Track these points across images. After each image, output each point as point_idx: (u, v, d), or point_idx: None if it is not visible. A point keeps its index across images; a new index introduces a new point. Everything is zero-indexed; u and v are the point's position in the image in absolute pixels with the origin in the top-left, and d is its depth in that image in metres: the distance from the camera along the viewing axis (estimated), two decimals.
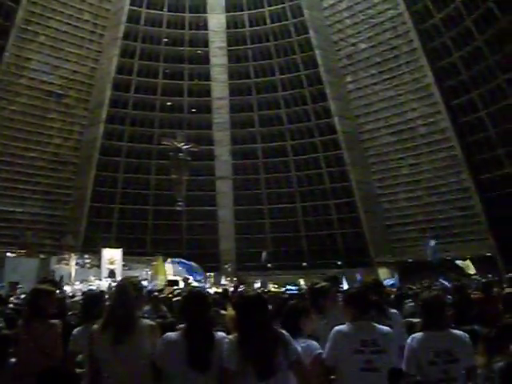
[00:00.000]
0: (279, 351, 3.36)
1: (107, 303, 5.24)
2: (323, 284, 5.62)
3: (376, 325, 4.16)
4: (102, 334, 3.77)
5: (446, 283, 14.21)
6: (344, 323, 4.25)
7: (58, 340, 4.85)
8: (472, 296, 9.08)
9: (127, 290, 3.93)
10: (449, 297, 9.56)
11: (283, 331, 3.56)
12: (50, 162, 47.51)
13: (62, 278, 29.74)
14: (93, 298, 5.41)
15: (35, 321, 4.84)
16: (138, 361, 3.69)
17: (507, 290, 7.36)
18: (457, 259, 29.04)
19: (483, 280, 12.34)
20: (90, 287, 28.02)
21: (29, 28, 46.20)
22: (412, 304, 9.76)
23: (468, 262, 29.06)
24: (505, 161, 38.16)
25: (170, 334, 3.67)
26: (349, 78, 49.50)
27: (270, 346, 3.36)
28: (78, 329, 5.02)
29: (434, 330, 4.12)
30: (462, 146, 41.57)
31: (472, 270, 28.18)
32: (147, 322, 3.98)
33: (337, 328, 4.13)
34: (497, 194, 38.85)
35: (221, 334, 3.71)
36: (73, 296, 18.39)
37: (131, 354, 3.68)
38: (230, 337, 3.60)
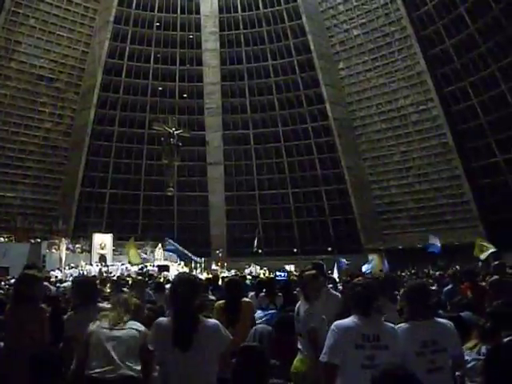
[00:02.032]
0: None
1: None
2: (309, 272, 5.65)
3: (381, 320, 4.06)
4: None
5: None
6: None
7: (45, 325, 4.87)
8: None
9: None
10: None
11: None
12: (40, 147, 47.24)
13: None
14: (87, 284, 5.43)
15: (22, 306, 4.85)
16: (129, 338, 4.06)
17: (494, 277, 7.43)
18: (445, 246, 28.81)
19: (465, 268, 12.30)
20: (81, 272, 28.12)
21: (19, 11, 45.64)
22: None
23: (486, 244, 26.47)
24: (496, 149, 38.27)
25: (162, 319, 3.90)
26: (341, 65, 49.37)
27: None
28: (70, 313, 5.05)
29: (419, 319, 4.03)
30: (454, 134, 41.68)
31: (484, 254, 25.70)
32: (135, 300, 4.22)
33: (336, 322, 3.99)
34: (487, 182, 39.12)
35: (213, 321, 3.88)
36: (63, 281, 18.44)
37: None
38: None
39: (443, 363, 3.91)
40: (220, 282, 12.33)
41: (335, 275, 22.72)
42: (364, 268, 27.44)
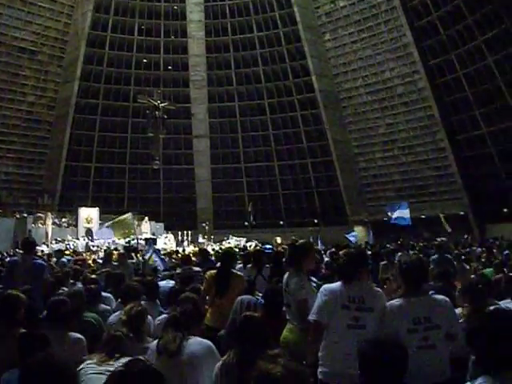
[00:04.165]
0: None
1: None
2: (303, 242, 5.67)
3: (367, 284, 4.20)
4: None
5: None
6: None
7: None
8: None
9: None
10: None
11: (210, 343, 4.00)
12: (24, 121, 46.68)
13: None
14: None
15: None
16: None
17: None
18: (430, 218, 29.17)
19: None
20: (67, 247, 28.08)
21: None
22: (385, 263, 10.12)
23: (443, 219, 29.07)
24: (481, 121, 38.48)
25: None
26: (327, 37, 48.98)
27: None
28: None
29: (412, 296, 3.91)
30: (439, 106, 41.77)
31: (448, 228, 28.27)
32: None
33: (325, 285, 4.24)
34: (472, 155, 39.41)
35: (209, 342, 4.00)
36: (49, 255, 18.39)
37: None
38: None
39: (436, 341, 3.79)
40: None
41: (320, 247, 22.83)
42: (351, 238, 27.55)
